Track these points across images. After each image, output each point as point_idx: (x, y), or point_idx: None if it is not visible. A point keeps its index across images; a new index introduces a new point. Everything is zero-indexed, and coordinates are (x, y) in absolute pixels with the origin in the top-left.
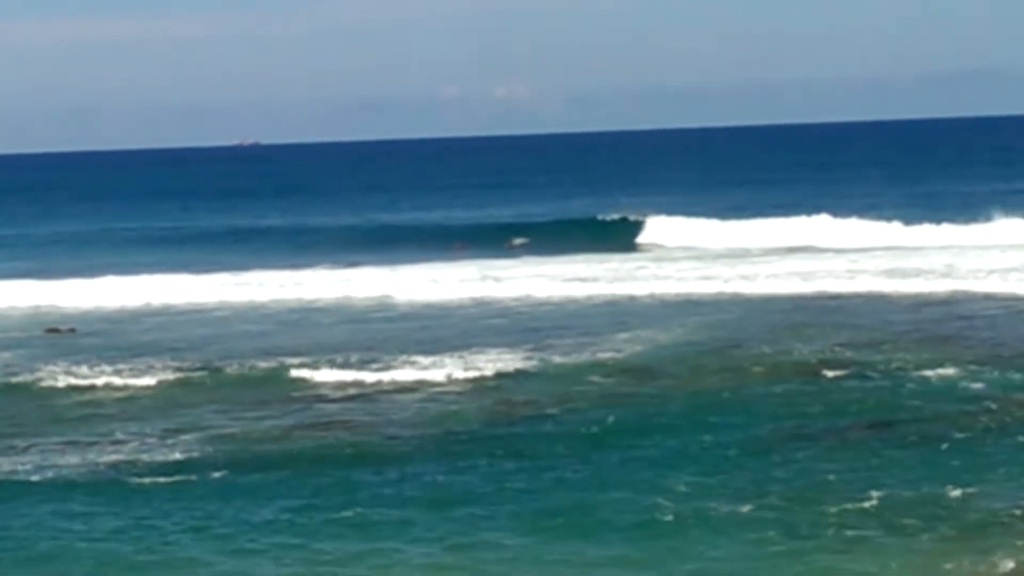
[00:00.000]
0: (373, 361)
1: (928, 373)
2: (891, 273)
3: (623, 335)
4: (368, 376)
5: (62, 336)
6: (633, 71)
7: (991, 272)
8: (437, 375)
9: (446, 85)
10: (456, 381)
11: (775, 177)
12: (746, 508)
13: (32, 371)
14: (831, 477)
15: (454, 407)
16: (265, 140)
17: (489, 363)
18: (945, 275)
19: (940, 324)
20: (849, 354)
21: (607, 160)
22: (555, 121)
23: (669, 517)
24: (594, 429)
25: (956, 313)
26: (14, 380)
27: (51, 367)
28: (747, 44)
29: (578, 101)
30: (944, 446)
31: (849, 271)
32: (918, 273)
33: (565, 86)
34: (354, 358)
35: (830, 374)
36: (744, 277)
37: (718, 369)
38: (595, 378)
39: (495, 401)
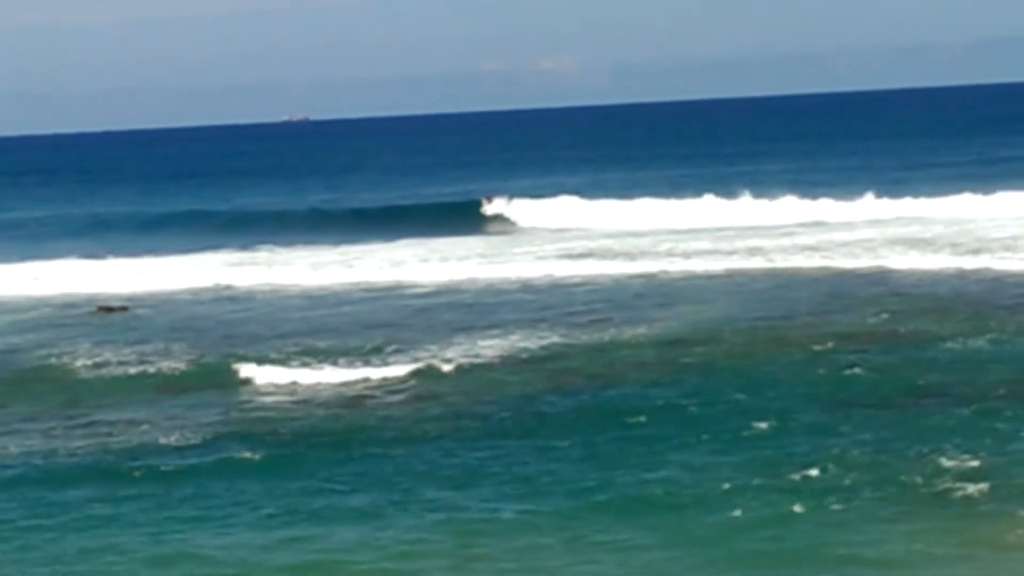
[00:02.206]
0: (400, 343)
1: (965, 343)
2: (914, 246)
3: (664, 312)
4: (397, 359)
5: (112, 315)
6: (680, 42)
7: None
8: (471, 354)
9: (490, 59)
10: (496, 359)
11: (810, 148)
12: (792, 481)
13: (67, 352)
14: (886, 446)
15: (499, 384)
16: (314, 116)
17: (529, 341)
18: (957, 243)
19: (975, 296)
20: (890, 326)
21: (644, 132)
22: (602, 94)
23: (722, 489)
24: (638, 404)
25: (986, 285)
26: (46, 360)
27: (86, 347)
28: (794, 12)
29: (625, 73)
30: (989, 414)
31: (870, 244)
32: (941, 246)
33: (612, 58)
34: (379, 340)
35: (873, 345)
36: (772, 252)
37: (767, 342)
38: (643, 353)
39: (541, 378)
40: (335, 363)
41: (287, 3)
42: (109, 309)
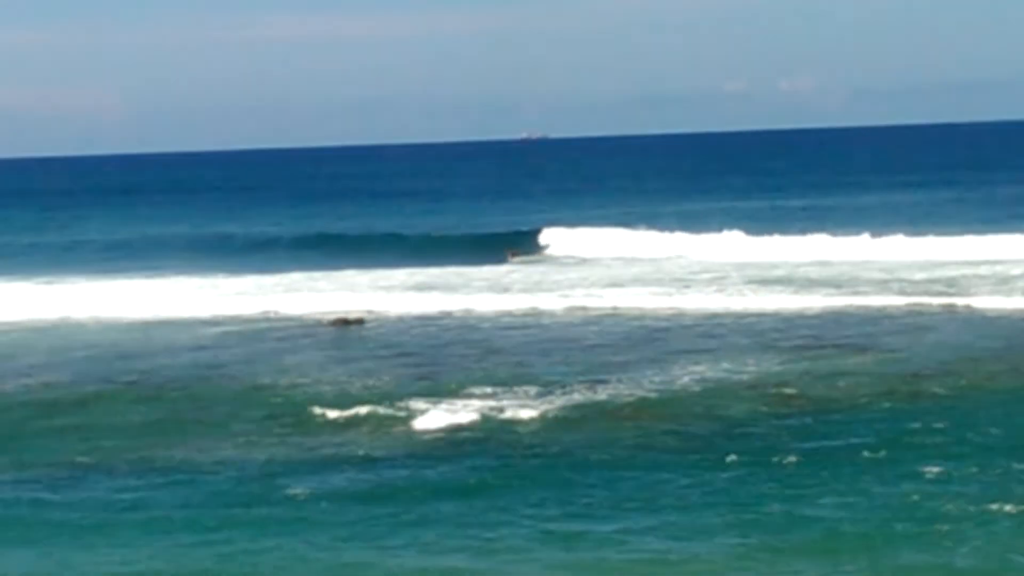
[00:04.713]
0: (611, 368)
1: None
2: None
3: (886, 340)
4: (609, 383)
5: (347, 329)
6: (920, 64)
7: None
8: (685, 377)
9: (731, 80)
10: (711, 384)
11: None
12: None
13: (287, 364)
14: None
15: (716, 408)
16: (552, 134)
17: (745, 366)
18: None
19: None
20: None
21: (876, 156)
22: (839, 116)
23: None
24: (864, 433)
25: None
26: (262, 372)
27: (302, 361)
28: None
29: (863, 95)
30: None
31: None
32: None
33: (850, 80)
34: (587, 365)
35: None
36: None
37: (1004, 374)
38: (868, 380)
39: (761, 403)
40: (550, 388)
41: (530, 22)
42: (346, 322)
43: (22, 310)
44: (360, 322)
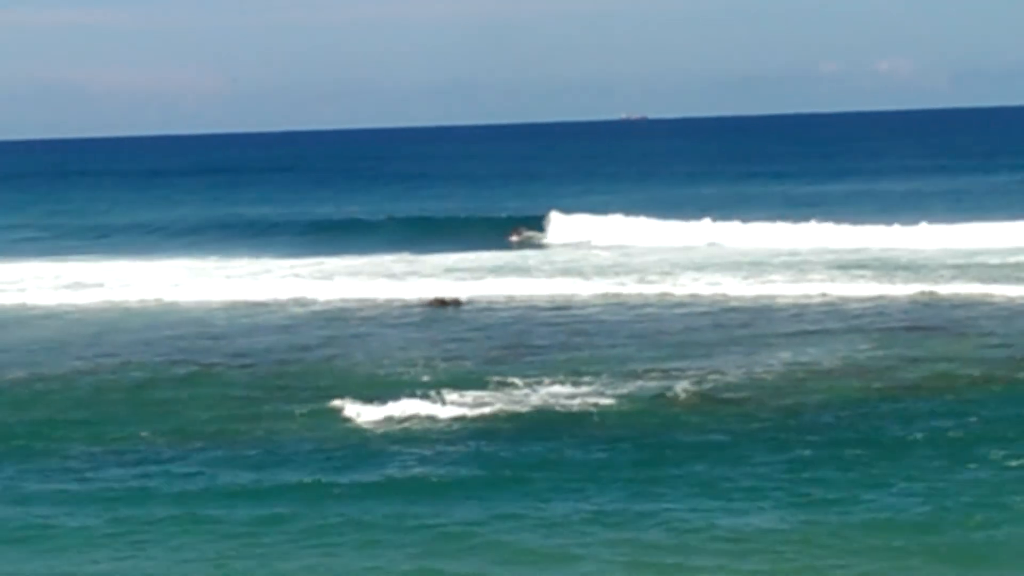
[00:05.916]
0: (696, 356)
1: None
2: None
3: (984, 323)
4: (700, 371)
5: (443, 310)
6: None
7: None
8: (782, 364)
9: (827, 60)
10: (818, 369)
11: None
12: None
13: (360, 349)
14: None
15: (820, 392)
16: (652, 115)
17: (843, 351)
18: None
19: None
20: None
21: (979, 139)
22: (939, 97)
23: None
24: (958, 419)
25: None
26: (349, 354)
27: (384, 341)
28: None
29: (965, 77)
30: None
31: None
32: None
33: (950, 61)
34: (678, 352)
35: None
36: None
37: None
38: (964, 367)
39: (862, 389)
40: (634, 375)
41: (630, 3)
42: (443, 302)
43: (116, 290)
44: (457, 303)
